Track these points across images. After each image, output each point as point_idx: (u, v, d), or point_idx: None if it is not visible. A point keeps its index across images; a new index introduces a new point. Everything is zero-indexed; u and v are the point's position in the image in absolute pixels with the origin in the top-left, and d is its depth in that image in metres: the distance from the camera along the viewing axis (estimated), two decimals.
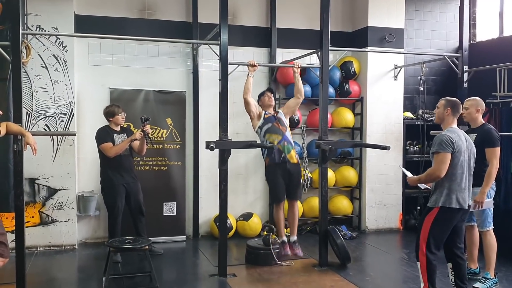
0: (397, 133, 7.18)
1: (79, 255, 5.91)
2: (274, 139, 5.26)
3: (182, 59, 6.69)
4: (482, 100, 4.78)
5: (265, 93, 5.55)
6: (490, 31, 7.37)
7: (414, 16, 7.53)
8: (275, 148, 5.16)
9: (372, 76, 7.09)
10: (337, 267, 5.38)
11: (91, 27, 6.06)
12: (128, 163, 5.58)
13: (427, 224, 4.01)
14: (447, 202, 3.94)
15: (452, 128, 4.05)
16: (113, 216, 5.46)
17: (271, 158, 5.26)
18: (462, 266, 4.15)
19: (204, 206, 6.72)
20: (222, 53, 5.02)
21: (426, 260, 4.01)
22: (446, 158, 3.88)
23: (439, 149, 3.90)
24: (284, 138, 5.31)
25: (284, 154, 5.24)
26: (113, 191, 5.44)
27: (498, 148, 4.56)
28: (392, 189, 7.18)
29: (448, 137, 3.91)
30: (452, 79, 6.86)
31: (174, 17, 6.64)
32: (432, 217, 3.98)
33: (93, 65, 6.36)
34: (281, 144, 5.26)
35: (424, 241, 4.01)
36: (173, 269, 5.46)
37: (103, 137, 5.45)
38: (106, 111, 5.58)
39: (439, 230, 4.00)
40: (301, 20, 7.10)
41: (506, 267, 5.30)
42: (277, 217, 5.31)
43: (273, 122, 5.35)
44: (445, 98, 4.16)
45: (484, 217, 4.70)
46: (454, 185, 3.93)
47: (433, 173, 3.94)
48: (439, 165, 3.89)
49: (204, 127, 6.66)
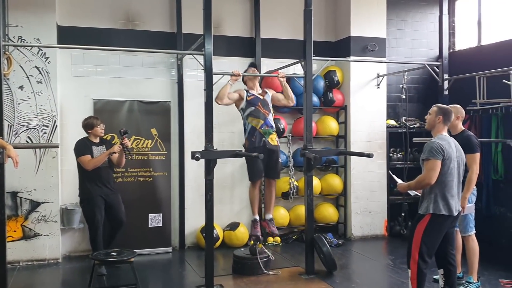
0: (380, 141, 7.26)
1: (63, 269, 5.82)
2: (256, 123, 5.38)
3: (166, 69, 6.69)
4: (461, 108, 4.88)
5: (248, 68, 5.63)
6: (469, 40, 7.52)
7: (395, 26, 7.66)
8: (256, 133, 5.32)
9: (355, 85, 7.18)
10: (324, 275, 5.40)
11: (74, 38, 6.03)
12: (107, 174, 5.53)
13: (419, 232, 4.00)
14: (438, 209, 3.95)
15: (442, 135, 4.09)
16: (93, 228, 5.39)
17: (251, 142, 5.36)
18: (453, 273, 4.17)
19: (190, 216, 6.69)
20: (206, 63, 5.03)
21: (418, 268, 3.98)
22: (436, 165, 3.91)
23: (429, 156, 3.92)
24: (266, 123, 5.40)
25: (264, 138, 5.37)
26: (91, 203, 5.38)
27: (478, 154, 4.64)
28: (377, 196, 7.25)
29: (439, 144, 3.94)
30: (433, 87, 6.98)
31: (158, 27, 6.64)
32: (424, 224, 3.98)
33: (76, 76, 6.32)
34: (263, 129, 5.38)
35: (417, 249, 3.99)
36: (159, 281, 5.42)
37: (82, 150, 5.41)
38: (84, 123, 5.54)
39: (431, 237, 4.00)
40: (285, 30, 7.17)
41: (489, 271, 5.37)
42: (252, 195, 5.40)
43: (256, 105, 5.42)
44: (438, 106, 4.21)
45: (466, 222, 4.77)
46: (444, 192, 3.96)
47: (423, 180, 3.97)
48: (429, 172, 3.91)
49: (189, 137, 6.65)
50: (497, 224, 6.65)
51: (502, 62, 5.87)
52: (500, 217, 6.64)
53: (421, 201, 4.11)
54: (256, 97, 5.49)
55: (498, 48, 6.70)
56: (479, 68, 6.35)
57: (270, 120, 5.47)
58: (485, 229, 6.69)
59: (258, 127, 5.36)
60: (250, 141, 5.39)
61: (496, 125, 6.54)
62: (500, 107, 6.44)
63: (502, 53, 6.33)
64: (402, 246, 6.66)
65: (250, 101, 5.45)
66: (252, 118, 5.40)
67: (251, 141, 5.36)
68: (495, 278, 5.18)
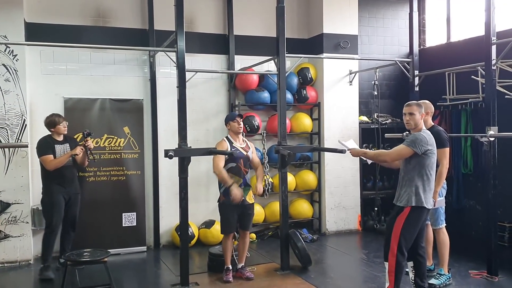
0: (353, 137, 7.30)
1: (35, 270, 5.70)
2: (236, 181, 4.96)
3: (138, 66, 6.62)
4: (430, 103, 4.98)
5: (235, 118, 5.10)
6: (438, 37, 7.68)
7: (367, 23, 7.75)
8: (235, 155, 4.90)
9: (328, 81, 7.25)
10: (299, 270, 5.45)
11: (43, 35, 5.90)
12: (70, 174, 5.45)
13: (398, 224, 4.01)
14: (420, 201, 4.00)
15: (425, 129, 4.17)
16: (50, 229, 5.32)
17: (227, 199, 4.94)
18: (423, 265, 4.24)
19: (165, 215, 6.64)
20: (179, 60, 5.00)
21: (396, 261, 4.01)
22: (406, 154, 3.99)
23: (410, 145, 3.98)
24: (243, 182, 5.06)
25: (243, 197, 4.99)
26: (52, 203, 5.30)
27: (448, 148, 4.74)
28: (351, 191, 7.34)
29: (429, 138, 4.03)
30: (404, 83, 7.10)
31: (130, 24, 6.56)
32: (404, 216, 4.01)
33: (46, 74, 6.19)
34: (241, 187, 4.99)
35: (396, 242, 4.00)
36: (133, 281, 5.37)
37: (44, 149, 5.31)
38: (46, 122, 5.43)
39: (410, 230, 4.03)
40: (258, 27, 7.18)
41: (459, 263, 5.51)
42: (225, 246, 5.11)
43: (238, 162, 4.99)
44: (415, 103, 4.22)
45: (437, 215, 4.88)
46: (425, 185, 4.03)
47: (385, 155, 4.14)
48: (396, 154, 4.05)
49: (163, 135, 6.60)
50: (467, 217, 6.83)
51: (471, 58, 6.00)
52: (469, 210, 6.82)
53: (400, 193, 4.12)
54: (240, 152, 5.04)
55: (467, 45, 6.85)
56: (449, 65, 6.49)
57: (247, 178, 5.12)
58: (455, 222, 6.86)
59: (237, 186, 4.94)
60: (226, 197, 4.96)
61: (466, 120, 6.71)
62: (469, 103, 6.61)
63: (471, 49, 6.47)
64: (376, 240, 6.79)
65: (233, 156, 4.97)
66: (231, 175, 4.96)
67: (227, 198, 4.94)
68: (465, 269, 5.31)
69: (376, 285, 4.92)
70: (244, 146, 5.15)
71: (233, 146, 5.03)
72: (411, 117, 4.13)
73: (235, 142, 5.10)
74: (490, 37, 5.01)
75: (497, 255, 5.07)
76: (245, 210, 5.09)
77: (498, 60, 5.08)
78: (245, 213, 5.11)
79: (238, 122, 5.08)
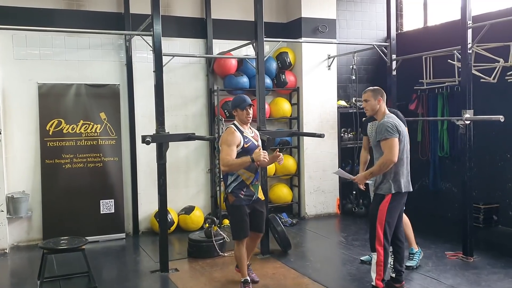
0: (332, 121, 7.38)
1: (11, 259, 5.62)
2: (247, 178, 4.25)
3: (114, 50, 6.48)
4: None
5: (245, 108, 4.31)
6: (415, 21, 7.71)
7: (345, 7, 7.73)
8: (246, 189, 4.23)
9: (307, 66, 7.23)
10: (278, 254, 5.48)
11: (15, 19, 5.73)
12: None
13: (382, 212, 3.98)
14: (400, 187, 4.01)
15: (389, 114, 4.12)
16: None
17: (238, 198, 4.25)
18: (402, 250, 4.24)
19: (143, 202, 6.59)
20: (155, 44, 4.91)
21: (384, 250, 3.97)
22: (396, 143, 3.91)
23: (388, 135, 3.92)
24: (256, 176, 4.34)
25: (255, 195, 4.33)
26: None
27: None
28: (329, 175, 7.38)
29: (393, 123, 3.97)
30: (382, 67, 7.13)
31: (105, 7, 6.41)
32: (387, 204, 3.99)
33: (18, 59, 6.02)
34: (253, 184, 4.32)
35: (382, 230, 3.97)
36: (112, 268, 5.33)
37: None
38: None
39: (393, 216, 4.03)
40: (236, 11, 7.09)
41: (436, 244, 5.60)
42: (239, 254, 4.35)
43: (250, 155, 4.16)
44: (370, 89, 4.17)
45: None
46: (402, 170, 4.02)
47: (387, 160, 3.90)
48: (391, 150, 3.89)
49: (140, 121, 6.52)
50: (443, 199, 6.95)
51: (447, 42, 6.05)
52: (446, 192, 6.94)
53: (379, 181, 4.08)
54: (252, 144, 4.29)
55: (443, 29, 6.91)
56: (426, 49, 6.54)
57: (259, 173, 4.42)
58: (432, 204, 6.99)
59: (249, 182, 4.27)
60: (237, 197, 4.25)
61: (442, 104, 6.79)
62: (446, 86, 6.68)
63: (447, 33, 6.53)
64: (354, 223, 6.88)
65: (247, 148, 4.22)
66: (244, 171, 4.23)
67: (238, 197, 4.25)
68: (442, 251, 5.40)
69: (355, 268, 4.99)
70: (253, 135, 4.41)
71: (244, 137, 4.26)
72: (367, 103, 4.13)
73: (245, 131, 4.32)
74: (466, 21, 5.05)
75: (472, 236, 5.17)
76: (257, 207, 4.39)
77: (473, 44, 5.12)
78: (257, 212, 4.39)
79: (247, 112, 4.30)
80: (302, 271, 4.93)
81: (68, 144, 6.10)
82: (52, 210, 6.03)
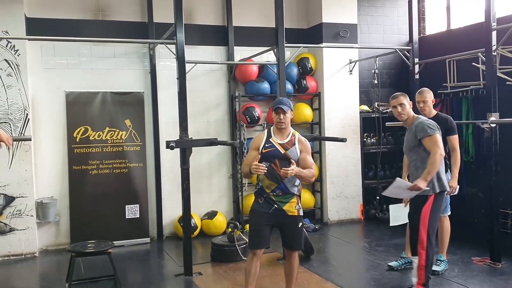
0: (354, 126, 7.35)
1: (40, 262, 5.77)
2: (268, 186, 3.88)
3: (139, 59, 6.63)
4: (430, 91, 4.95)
5: (275, 108, 3.92)
6: (438, 24, 7.65)
7: (367, 12, 7.73)
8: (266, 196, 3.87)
9: (328, 71, 7.24)
10: (301, 259, 5.44)
11: (44, 30, 5.91)
12: None
13: (426, 214, 3.88)
14: (443, 186, 3.96)
15: (419, 116, 4.12)
16: None
17: (257, 203, 3.95)
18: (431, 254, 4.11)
19: (167, 207, 6.69)
20: (178, 52, 5.02)
21: (427, 253, 3.87)
22: (439, 138, 3.88)
23: (430, 131, 3.88)
24: (281, 187, 3.85)
25: (276, 205, 3.87)
26: None
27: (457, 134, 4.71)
28: (352, 180, 7.35)
29: (432, 122, 3.97)
30: (404, 71, 7.09)
31: (129, 17, 6.57)
32: (430, 205, 3.89)
33: (47, 68, 6.22)
34: (275, 194, 3.86)
35: (425, 232, 3.86)
36: (138, 271, 5.42)
37: None
38: None
39: (436, 217, 3.96)
40: (257, 18, 7.17)
41: (462, 250, 5.52)
42: (245, 265, 4.00)
43: (272, 162, 3.83)
44: (400, 94, 4.12)
45: (446, 203, 4.77)
46: (441, 169, 3.97)
47: (438, 155, 3.78)
48: (438, 144, 3.83)
49: (164, 127, 6.63)
50: (469, 204, 6.84)
51: (471, 45, 5.99)
52: (472, 198, 6.83)
53: None
54: (275, 150, 3.86)
55: (467, 32, 6.83)
56: (449, 52, 6.48)
57: (286, 184, 3.86)
58: (458, 209, 6.87)
59: (269, 191, 3.88)
60: (256, 201, 3.97)
61: (467, 108, 6.70)
62: (470, 90, 6.59)
63: (471, 36, 6.46)
64: (378, 229, 6.83)
65: (265, 154, 3.85)
66: (264, 177, 3.86)
67: (257, 202, 3.94)
68: (468, 256, 5.32)
69: (379, 273, 4.95)
70: (286, 142, 3.91)
71: (268, 141, 3.91)
72: (403, 107, 4.02)
73: (275, 136, 3.94)
74: (490, 23, 4.99)
75: (499, 242, 5.08)
76: (284, 222, 3.91)
77: (498, 46, 5.06)
78: (285, 227, 3.93)
79: (277, 115, 3.90)
80: (325, 276, 4.93)
81: (95, 150, 6.25)
82: (79, 215, 6.18)
